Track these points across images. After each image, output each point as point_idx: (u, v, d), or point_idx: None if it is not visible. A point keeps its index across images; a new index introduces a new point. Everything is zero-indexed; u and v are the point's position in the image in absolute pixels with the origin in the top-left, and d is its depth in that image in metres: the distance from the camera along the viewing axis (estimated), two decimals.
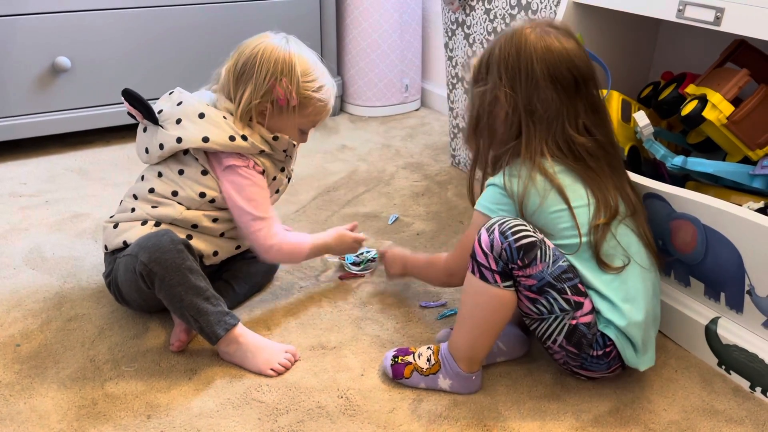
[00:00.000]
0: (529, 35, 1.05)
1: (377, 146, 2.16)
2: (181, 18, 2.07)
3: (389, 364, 1.12)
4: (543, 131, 1.05)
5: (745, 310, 1.11)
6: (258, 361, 1.14)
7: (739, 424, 1.06)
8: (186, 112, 1.20)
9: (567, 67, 1.04)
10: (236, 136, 1.18)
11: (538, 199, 1.04)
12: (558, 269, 1.01)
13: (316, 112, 1.24)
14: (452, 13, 1.85)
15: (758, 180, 1.17)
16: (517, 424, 1.04)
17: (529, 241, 1.00)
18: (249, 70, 1.18)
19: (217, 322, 1.13)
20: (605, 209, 1.04)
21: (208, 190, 1.21)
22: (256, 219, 1.21)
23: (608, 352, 1.05)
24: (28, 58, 1.90)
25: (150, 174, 1.25)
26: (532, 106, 1.05)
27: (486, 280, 1.02)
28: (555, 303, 1.02)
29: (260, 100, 1.18)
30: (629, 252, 1.05)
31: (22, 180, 1.86)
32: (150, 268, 1.11)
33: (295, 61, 1.19)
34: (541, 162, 1.04)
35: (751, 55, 1.32)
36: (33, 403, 1.07)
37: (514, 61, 1.05)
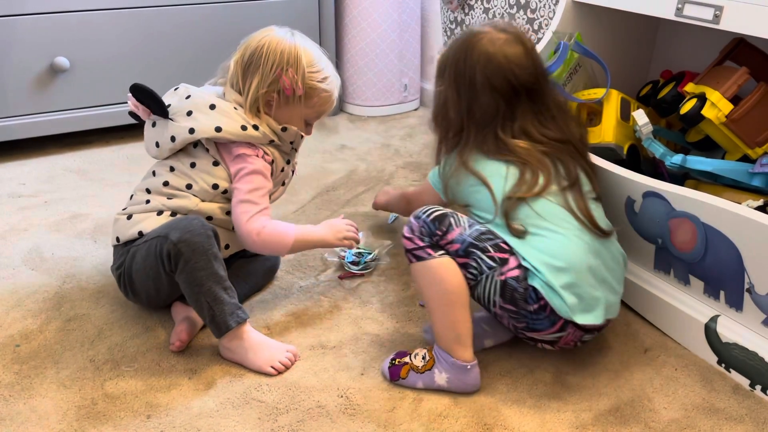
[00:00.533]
0: (476, 43, 1.14)
1: (376, 146, 2.16)
2: (180, 17, 2.07)
3: (386, 367, 1.13)
4: (478, 131, 1.15)
5: (744, 308, 1.11)
6: (259, 359, 1.14)
7: (739, 422, 1.06)
8: (197, 104, 1.22)
9: (504, 77, 1.12)
10: (248, 126, 1.20)
11: (456, 184, 1.17)
12: (476, 231, 1.09)
13: (322, 102, 1.26)
14: (451, 13, 1.85)
15: (757, 178, 1.17)
16: (517, 423, 1.05)
17: (440, 213, 1.10)
18: (256, 61, 1.20)
19: (231, 313, 1.14)
20: (525, 186, 1.10)
21: (220, 181, 1.22)
22: (246, 202, 1.20)
23: (543, 306, 1.06)
24: (26, 59, 1.90)
25: (162, 169, 1.26)
26: (472, 110, 1.15)
27: (422, 258, 1.09)
28: (481, 262, 1.07)
29: (267, 89, 1.21)
30: (546, 218, 1.09)
31: (21, 180, 1.85)
32: (179, 247, 1.12)
33: (301, 52, 1.21)
34: (467, 156, 1.15)
35: (750, 54, 1.32)
36: (33, 404, 1.07)
37: (461, 67, 1.15)
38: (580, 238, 1.09)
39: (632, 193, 1.20)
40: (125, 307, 1.30)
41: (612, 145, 1.33)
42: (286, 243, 1.23)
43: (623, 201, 1.22)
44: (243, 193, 1.21)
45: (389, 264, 1.48)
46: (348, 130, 2.30)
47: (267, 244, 1.22)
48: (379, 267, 1.46)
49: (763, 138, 1.22)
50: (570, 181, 1.13)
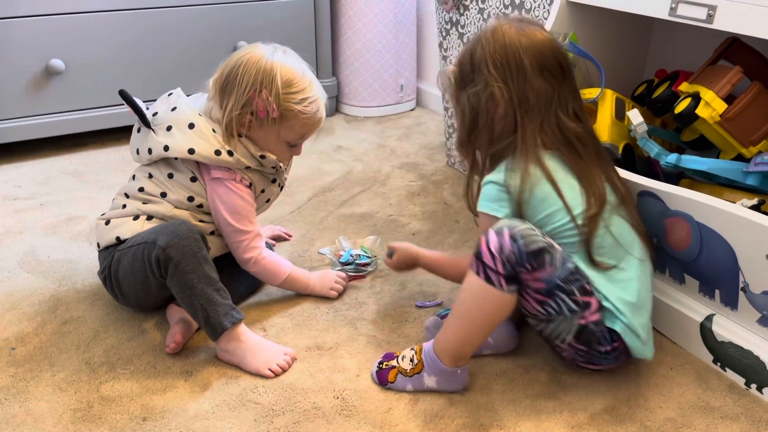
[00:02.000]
0: (508, 30, 1.07)
1: (373, 146, 2.16)
2: (175, 19, 2.06)
3: (375, 371, 1.13)
4: (537, 121, 1.06)
5: (739, 307, 1.12)
6: (256, 361, 1.14)
7: (735, 420, 1.06)
8: (178, 120, 1.20)
9: (552, 55, 1.06)
10: (222, 151, 1.18)
11: (532, 190, 1.04)
12: (565, 271, 1.01)
13: (301, 124, 1.21)
14: (446, 13, 1.85)
15: (752, 177, 1.18)
16: (513, 423, 1.05)
17: (539, 247, 1.00)
18: (232, 81, 1.17)
19: (225, 314, 1.14)
20: (595, 200, 1.04)
21: (196, 196, 1.23)
22: (239, 231, 1.23)
23: (616, 347, 1.06)
24: (21, 61, 1.90)
25: (141, 174, 1.26)
26: (524, 97, 1.06)
27: (491, 283, 1.01)
28: (563, 304, 1.02)
29: (240, 111, 1.17)
30: (623, 244, 1.06)
31: (16, 183, 1.85)
32: (168, 253, 1.12)
33: (276, 71, 1.16)
34: (537, 152, 1.05)
35: (743, 53, 1.32)
36: (28, 407, 1.07)
37: (501, 55, 1.06)
38: (645, 263, 1.08)
39: None
40: (121, 310, 1.30)
41: (607, 144, 1.33)
42: (279, 278, 1.30)
43: None
44: (231, 224, 1.22)
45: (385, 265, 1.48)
46: (344, 131, 2.29)
47: (261, 273, 1.29)
48: (376, 267, 1.46)
49: (758, 137, 1.22)
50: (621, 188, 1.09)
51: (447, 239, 1.59)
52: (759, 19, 1.06)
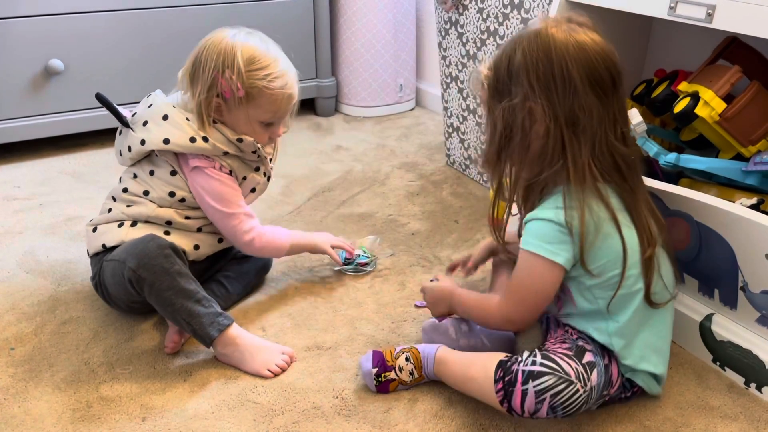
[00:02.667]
0: (555, 34, 0.92)
1: (372, 146, 2.16)
2: (175, 19, 2.06)
3: (373, 384, 1.09)
4: (588, 144, 0.91)
5: (739, 307, 1.12)
6: (255, 362, 1.14)
7: (734, 420, 1.06)
8: (152, 114, 1.20)
9: (605, 66, 0.91)
10: (197, 138, 1.17)
11: (594, 230, 0.92)
12: (599, 393, 0.96)
13: (269, 102, 1.18)
14: (445, 13, 1.85)
15: (751, 176, 1.18)
16: (512, 423, 1.04)
17: (578, 407, 0.93)
18: (197, 67, 1.17)
19: (210, 323, 1.12)
20: (647, 237, 0.96)
21: (177, 190, 1.22)
22: (228, 216, 1.22)
23: (635, 392, 1.06)
24: (20, 61, 1.90)
25: (126, 176, 1.27)
26: (573, 116, 0.91)
27: (510, 413, 0.96)
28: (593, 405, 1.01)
29: (206, 95, 1.16)
30: (668, 282, 1.01)
31: (15, 183, 1.85)
32: (139, 274, 1.11)
33: (237, 50, 1.15)
34: (595, 184, 0.91)
35: (742, 52, 1.32)
36: (27, 407, 1.07)
37: (545, 65, 0.91)
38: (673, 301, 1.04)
39: None
40: (116, 309, 1.30)
41: None
42: (282, 245, 1.30)
43: None
44: (218, 210, 1.21)
45: (384, 265, 1.48)
46: (343, 131, 2.29)
47: (265, 249, 1.29)
48: (375, 267, 1.46)
49: (757, 136, 1.22)
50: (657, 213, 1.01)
51: (446, 239, 1.59)
52: (758, 19, 1.06)
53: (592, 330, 1.02)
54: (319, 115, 2.42)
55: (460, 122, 1.92)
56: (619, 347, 1.00)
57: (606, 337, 1.01)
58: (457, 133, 1.94)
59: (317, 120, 2.38)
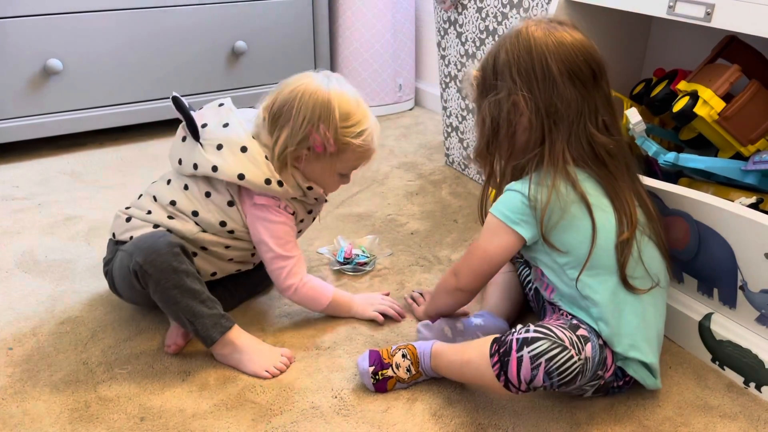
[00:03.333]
0: (535, 32, 0.99)
1: None
2: (174, 19, 2.06)
3: (371, 383, 1.09)
4: (565, 132, 0.98)
5: (738, 306, 1.11)
6: (254, 363, 1.14)
7: (733, 419, 1.06)
8: (230, 140, 1.14)
9: (583, 59, 0.98)
10: (272, 180, 1.14)
11: (560, 211, 0.98)
12: (595, 367, 0.97)
13: (356, 157, 1.18)
14: (444, 12, 1.85)
15: (750, 176, 1.17)
16: (511, 423, 1.04)
17: (574, 375, 0.94)
18: (286, 113, 1.13)
19: (213, 325, 1.12)
20: (627, 221, 0.99)
21: (230, 222, 1.18)
22: (280, 257, 1.19)
23: (627, 381, 1.06)
24: (19, 61, 1.90)
25: (177, 183, 1.20)
26: (552, 107, 0.98)
27: (508, 389, 0.97)
28: (587, 385, 1.02)
29: (296, 147, 1.13)
30: (652, 274, 1.02)
31: (14, 183, 1.85)
32: (145, 269, 1.09)
33: (335, 105, 1.12)
34: (564, 167, 0.98)
35: (742, 51, 1.32)
36: (26, 407, 1.07)
37: (526, 61, 0.98)
38: (665, 288, 1.05)
39: None
40: (118, 310, 1.30)
41: None
42: (322, 304, 1.25)
43: None
44: (273, 250, 1.18)
45: (383, 264, 1.48)
46: None
47: (302, 300, 1.24)
48: (374, 267, 1.46)
49: (756, 135, 1.22)
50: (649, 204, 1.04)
51: (445, 238, 1.59)
52: (757, 18, 1.06)
53: (578, 312, 1.04)
54: None
55: (459, 122, 1.92)
56: (606, 333, 1.01)
57: (592, 321, 1.02)
58: (456, 132, 1.94)
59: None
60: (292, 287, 1.21)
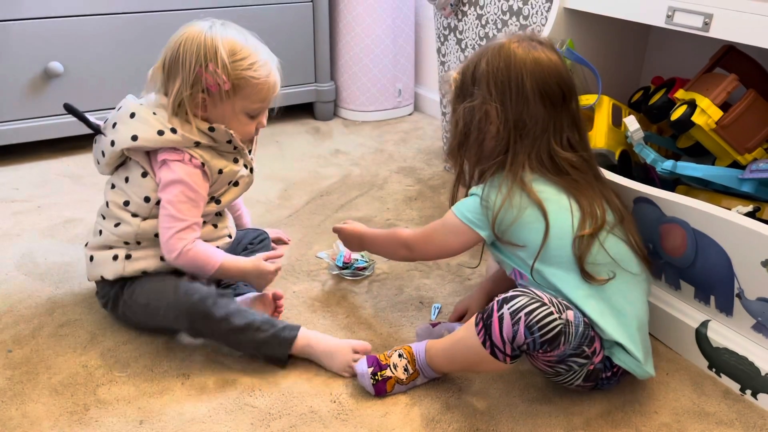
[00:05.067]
0: (516, 49, 1.05)
1: (370, 151, 2.16)
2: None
3: (370, 384, 1.10)
4: (528, 146, 1.05)
5: (734, 313, 1.12)
6: (334, 364, 1.15)
7: (729, 426, 1.06)
8: (120, 115, 1.17)
9: (556, 81, 1.04)
10: (165, 130, 1.13)
11: (513, 216, 1.04)
12: (578, 338, 0.99)
13: (256, 91, 1.16)
14: (444, 19, 1.86)
15: (747, 184, 1.18)
16: (509, 428, 1.05)
17: (556, 333, 0.96)
18: (175, 63, 1.13)
19: (278, 344, 1.14)
20: (591, 220, 1.03)
21: (151, 193, 1.17)
22: (172, 217, 1.15)
23: (616, 372, 1.07)
24: (20, 63, 1.90)
25: (107, 187, 1.24)
26: (521, 121, 1.04)
27: (495, 357, 0.99)
28: (574, 364, 1.03)
29: (190, 91, 1.13)
30: (619, 261, 1.04)
31: (14, 185, 1.85)
32: (196, 328, 1.15)
33: (218, 43, 1.13)
34: (521, 176, 1.04)
35: (739, 61, 1.33)
36: (25, 409, 1.07)
37: (503, 75, 1.04)
38: (641, 283, 1.07)
39: (623, 198, 1.20)
40: None
41: (603, 150, 1.34)
42: (210, 267, 1.18)
43: None
44: (166, 207, 1.16)
45: (382, 269, 1.48)
46: (342, 135, 2.30)
47: (189, 264, 1.18)
48: (373, 271, 1.47)
49: (753, 144, 1.23)
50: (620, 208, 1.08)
51: None
52: (755, 28, 1.07)
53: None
54: (318, 119, 2.42)
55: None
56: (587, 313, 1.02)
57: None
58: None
59: (316, 124, 2.39)
60: (175, 251, 1.15)
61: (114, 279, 1.20)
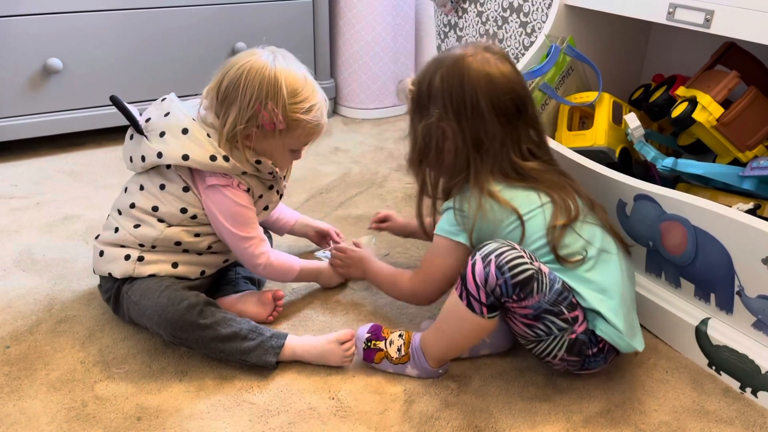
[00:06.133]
0: (471, 64, 1.05)
1: (370, 148, 2.16)
2: (174, 20, 2.07)
3: (361, 348, 1.14)
4: (489, 162, 1.06)
5: (734, 311, 1.12)
6: (330, 362, 1.15)
7: (729, 424, 1.06)
8: (170, 125, 1.14)
9: (509, 96, 1.05)
10: (218, 156, 1.12)
11: (490, 230, 1.06)
12: (554, 293, 1.00)
13: (307, 133, 1.18)
14: (445, 16, 1.85)
15: (748, 181, 1.18)
16: (508, 426, 1.05)
17: (527, 276, 0.98)
18: (233, 93, 1.12)
19: (264, 352, 1.13)
20: (565, 212, 1.05)
21: (189, 207, 1.17)
22: (241, 239, 1.19)
23: (602, 348, 1.06)
24: (19, 60, 1.90)
25: (133, 186, 1.21)
26: (478, 139, 1.05)
27: (472, 310, 1.02)
28: (553, 325, 1.02)
29: (245, 125, 1.12)
30: (593, 242, 1.06)
31: (13, 182, 1.85)
32: (179, 337, 1.13)
33: (282, 81, 1.12)
34: (488, 188, 1.05)
35: (740, 58, 1.32)
36: (22, 405, 1.07)
37: (458, 93, 1.05)
38: (619, 260, 1.08)
39: (624, 195, 1.20)
40: None
41: (604, 148, 1.34)
42: (292, 273, 1.29)
43: (615, 204, 1.22)
44: (232, 232, 1.17)
45: None
46: (342, 133, 2.30)
47: (274, 274, 1.27)
48: None
49: (754, 141, 1.23)
50: (589, 198, 1.11)
51: None
52: (756, 24, 1.07)
53: None
54: None
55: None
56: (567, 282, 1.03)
57: None
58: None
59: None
60: (261, 266, 1.23)
61: (122, 278, 1.19)
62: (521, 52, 1.74)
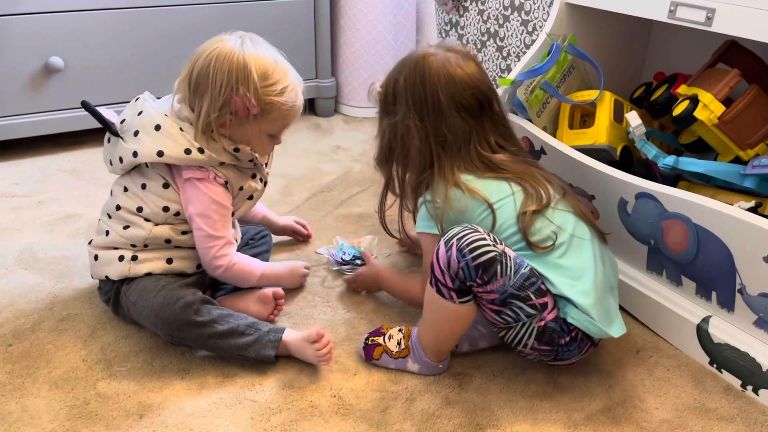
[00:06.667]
0: (432, 63, 1.08)
1: (371, 147, 2.15)
2: (175, 18, 2.07)
3: (362, 345, 1.15)
4: (454, 157, 1.08)
5: (736, 309, 1.12)
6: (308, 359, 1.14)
7: (730, 422, 1.06)
8: (143, 124, 1.14)
9: (471, 93, 1.07)
10: (192, 149, 1.12)
11: (460, 216, 1.07)
12: (520, 278, 1.00)
13: (283, 116, 1.16)
14: (446, 14, 1.85)
15: (749, 179, 1.18)
16: (509, 423, 1.05)
17: (488, 258, 0.98)
18: (203, 82, 1.11)
19: (262, 346, 1.13)
20: (536, 198, 1.06)
21: (171, 204, 1.17)
22: (209, 237, 1.17)
23: (575, 337, 1.06)
24: (20, 58, 1.90)
25: (117, 189, 1.21)
26: (441, 135, 1.08)
27: (442, 296, 1.03)
28: (521, 311, 1.02)
29: (218, 113, 1.11)
30: (565, 228, 1.06)
31: (14, 180, 1.85)
32: (177, 336, 1.13)
33: (251, 65, 1.10)
34: (454, 179, 1.07)
35: (742, 56, 1.32)
36: (24, 403, 1.07)
37: (420, 92, 1.08)
38: (592, 246, 1.08)
39: (625, 194, 1.20)
40: None
41: (605, 146, 1.34)
42: (251, 279, 1.26)
43: (616, 202, 1.22)
44: (201, 228, 1.16)
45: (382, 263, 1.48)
46: (343, 131, 2.30)
47: (232, 278, 1.24)
48: None
49: (755, 140, 1.23)
50: (561, 186, 1.13)
51: None
52: (757, 23, 1.07)
53: None
54: (319, 115, 2.42)
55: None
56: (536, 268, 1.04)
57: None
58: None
59: (317, 120, 2.39)
60: (221, 268, 1.20)
61: (119, 280, 1.19)
62: (522, 51, 1.74)
